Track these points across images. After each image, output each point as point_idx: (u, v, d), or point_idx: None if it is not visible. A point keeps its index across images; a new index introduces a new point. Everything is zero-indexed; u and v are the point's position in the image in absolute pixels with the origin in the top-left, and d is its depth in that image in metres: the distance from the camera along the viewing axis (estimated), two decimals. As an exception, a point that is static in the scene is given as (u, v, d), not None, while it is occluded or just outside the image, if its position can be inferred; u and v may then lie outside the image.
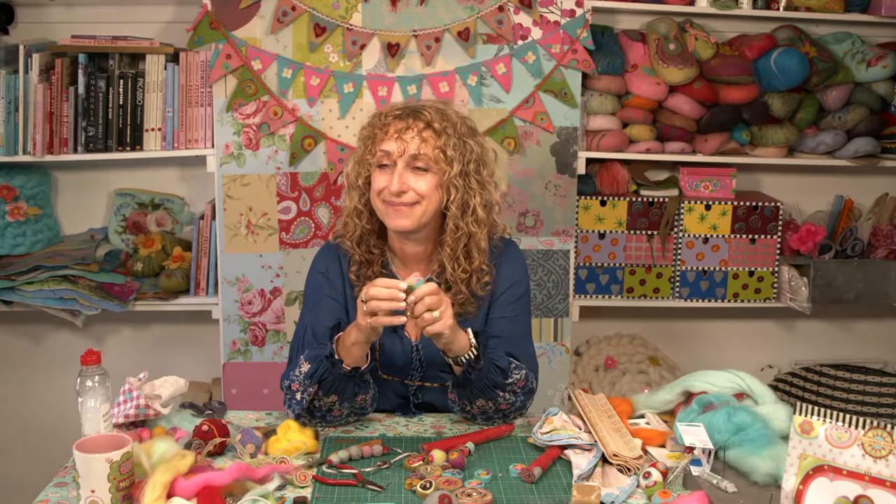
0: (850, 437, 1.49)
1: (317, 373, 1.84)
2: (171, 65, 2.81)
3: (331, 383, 1.84)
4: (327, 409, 1.88)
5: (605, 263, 3.07)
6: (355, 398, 1.88)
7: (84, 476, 1.50)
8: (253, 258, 2.85)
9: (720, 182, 3.09)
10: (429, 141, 1.90)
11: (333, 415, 1.90)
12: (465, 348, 1.85)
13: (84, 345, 3.04)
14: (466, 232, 1.94)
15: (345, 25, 2.77)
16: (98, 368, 1.66)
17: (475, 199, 1.94)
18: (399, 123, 1.92)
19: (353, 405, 1.90)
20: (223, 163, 2.80)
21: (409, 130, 1.90)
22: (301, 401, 1.87)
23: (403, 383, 2.01)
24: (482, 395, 1.89)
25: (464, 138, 1.94)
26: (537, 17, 2.82)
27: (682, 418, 1.83)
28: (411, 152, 1.89)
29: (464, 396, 1.91)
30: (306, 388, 1.85)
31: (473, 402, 1.90)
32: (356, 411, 1.92)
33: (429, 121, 1.91)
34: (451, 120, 1.94)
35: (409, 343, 1.99)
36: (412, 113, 1.93)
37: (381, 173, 1.92)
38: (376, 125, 1.95)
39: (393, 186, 1.88)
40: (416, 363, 1.99)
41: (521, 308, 2.03)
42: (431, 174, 1.91)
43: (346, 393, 1.86)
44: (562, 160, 2.91)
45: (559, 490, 1.68)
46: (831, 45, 3.06)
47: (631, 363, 3.15)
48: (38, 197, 2.96)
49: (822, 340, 3.40)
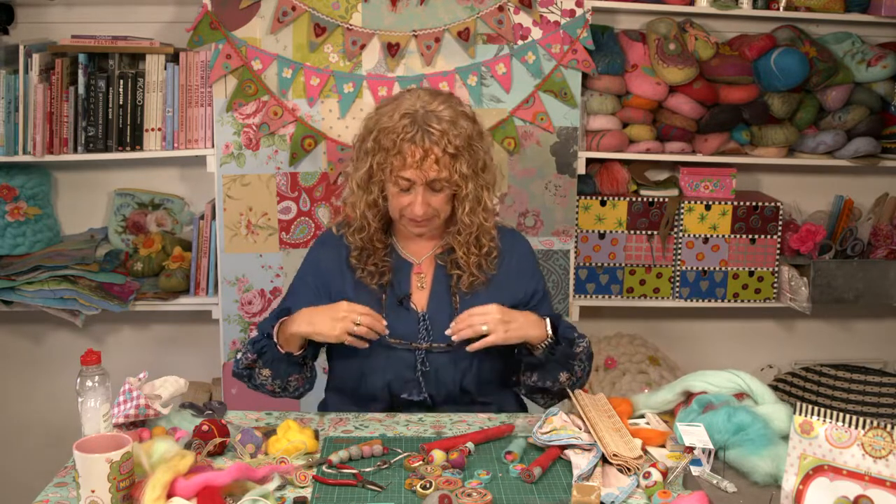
0: (850, 437, 1.49)
1: (258, 343, 2.00)
2: (171, 65, 2.81)
3: (268, 358, 2.00)
4: (262, 381, 2.04)
5: (605, 263, 3.07)
6: (288, 377, 2.04)
7: (84, 476, 1.50)
8: (253, 258, 2.85)
9: (720, 182, 3.09)
10: (446, 166, 1.96)
11: (267, 388, 2.06)
12: (542, 337, 1.99)
13: (84, 345, 3.04)
14: (478, 223, 2.05)
15: (345, 25, 2.77)
16: (98, 368, 1.66)
17: (484, 194, 2.04)
18: (415, 150, 1.94)
19: (287, 385, 2.06)
20: (223, 163, 2.80)
21: (426, 159, 1.94)
22: (239, 360, 2.04)
23: (411, 350, 2.04)
24: (563, 369, 2.04)
25: (473, 145, 2.00)
26: (537, 17, 2.82)
27: (682, 418, 1.83)
28: (430, 177, 1.96)
29: (546, 377, 2.06)
30: (247, 353, 2.02)
31: (557, 379, 2.05)
32: (289, 392, 2.09)
33: (444, 147, 1.94)
34: (461, 130, 1.97)
35: (416, 313, 2.06)
36: (424, 132, 1.94)
37: (401, 194, 2.00)
38: (391, 150, 1.95)
39: (417, 211, 1.98)
40: (423, 332, 2.05)
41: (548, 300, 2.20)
42: (447, 188, 2.00)
43: (280, 371, 2.02)
44: (562, 160, 2.91)
45: (559, 490, 1.68)
46: (831, 45, 3.06)
47: (631, 363, 3.15)
48: (38, 197, 2.96)
49: (822, 340, 3.40)
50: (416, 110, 1.96)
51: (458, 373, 2.05)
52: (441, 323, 2.03)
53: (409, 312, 2.06)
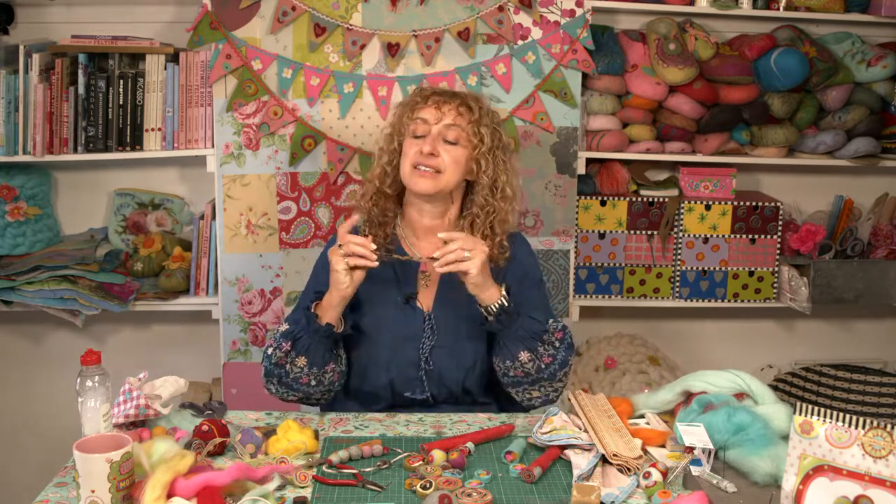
0: (850, 437, 1.49)
1: (293, 332, 1.97)
2: (171, 65, 2.81)
3: (304, 343, 1.96)
4: (296, 373, 1.98)
5: (605, 263, 3.07)
6: (325, 367, 1.98)
7: (84, 476, 1.50)
8: (253, 258, 2.85)
9: (720, 182, 3.09)
10: (464, 115, 2.04)
11: (301, 383, 1.99)
12: (495, 297, 1.96)
13: (84, 345, 3.04)
14: (493, 207, 2.05)
15: (345, 25, 2.77)
16: (98, 368, 1.66)
17: (503, 177, 2.07)
18: (438, 98, 2.07)
19: (323, 377, 1.99)
20: (223, 163, 2.80)
21: (447, 104, 2.05)
22: (271, 356, 1.99)
23: (415, 348, 2.06)
24: (523, 347, 1.98)
25: (496, 121, 2.11)
26: (537, 17, 2.82)
27: (682, 418, 1.84)
28: (447, 121, 2.03)
29: (506, 355, 1.99)
30: (280, 345, 1.98)
31: (516, 357, 1.98)
32: (324, 386, 2.01)
33: (466, 101, 2.06)
34: (485, 106, 2.09)
35: (422, 313, 2.07)
36: (451, 93, 2.10)
37: (414, 142, 2.04)
38: (417, 97, 2.09)
39: (425, 148, 2.00)
40: (428, 331, 2.06)
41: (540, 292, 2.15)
42: (461, 148, 2.03)
43: (317, 357, 1.97)
44: (562, 160, 2.91)
45: (559, 490, 1.68)
46: (831, 45, 3.06)
47: (631, 363, 3.15)
48: (38, 197, 2.96)
49: (822, 340, 3.40)
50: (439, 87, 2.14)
51: (460, 372, 2.06)
52: (446, 322, 2.05)
53: (415, 311, 2.07)
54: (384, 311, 2.06)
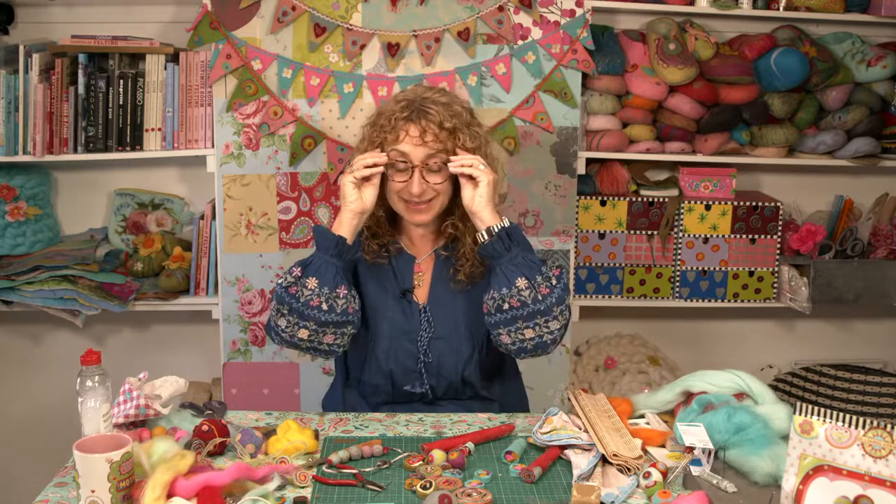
0: (850, 437, 1.49)
1: (304, 260, 1.96)
2: (171, 65, 2.81)
3: (315, 265, 1.94)
4: (306, 298, 1.92)
5: (605, 263, 3.07)
6: (336, 289, 1.94)
7: (84, 476, 1.50)
8: (253, 258, 2.85)
9: (720, 182, 3.09)
10: (443, 142, 1.99)
11: (311, 306, 1.92)
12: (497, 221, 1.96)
13: (84, 345, 3.04)
14: None
15: (345, 25, 2.77)
16: (98, 368, 1.66)
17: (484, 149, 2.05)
18: (411, 127, 1.98)
19: (335, 302, 1.94)
20: (223, 163, 2.80)
21: (425, 134, 1.97)
22: (282, 282, 1.95)
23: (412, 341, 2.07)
24: (520, 273, 1.93)
25: (472, 127, 2.04)
26: (537, 17, 2.82)
27: (682, 418, 1.83)
28: (427, 152, 1.98)
29: (503, 282, 1.93)
30: (291, 270, 1.95)
31: (513, 283, 1.92)
32: (336, 315, 1.94)
33: (440, 122, 1.98)
34: (456, 113, 2.02)
35: (417, 306, 2.08)
36: (419, 112, 1.99)
37: (397, 174, 2.00)
38: (385, 127, 2.00)
39: (414, 189, 1.98)
40: (425, 324, 2.07)
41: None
42: (445, 168, 1.99)
43: (328, 276, 1.93)
44: (562, 160, 2.91)
45: (559, 490, 1.68)
46: (831, 45, 3.06)
47: (631, 363, 3.15)
48: (38, 197, 2.96)
49: (822, 340, 3.40)
50: (412, 97, 2.03)
51: (459, 363, 2.07)
52: (441, 314, 2.07)
53: (411, 305, 2.09)
54: (383, 305, 2.08)
